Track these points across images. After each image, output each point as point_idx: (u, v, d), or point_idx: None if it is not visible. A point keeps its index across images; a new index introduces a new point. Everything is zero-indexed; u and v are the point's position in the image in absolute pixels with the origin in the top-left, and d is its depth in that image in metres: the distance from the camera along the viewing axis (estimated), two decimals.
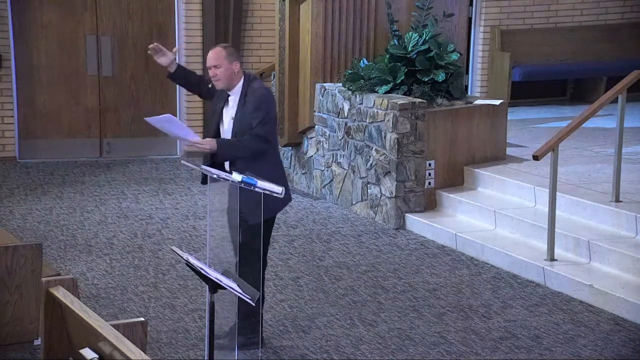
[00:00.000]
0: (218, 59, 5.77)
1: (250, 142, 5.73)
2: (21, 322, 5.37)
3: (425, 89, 8.84)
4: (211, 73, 5.81)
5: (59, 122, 11.14)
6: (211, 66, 5.80)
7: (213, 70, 5.79)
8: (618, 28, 12.61)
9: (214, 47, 5.96)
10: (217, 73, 5.77)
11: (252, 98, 5.78)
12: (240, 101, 5.80)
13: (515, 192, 8.35)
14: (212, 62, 5.80)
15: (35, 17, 10.91)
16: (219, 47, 5.90)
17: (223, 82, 5.80)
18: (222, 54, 5.78)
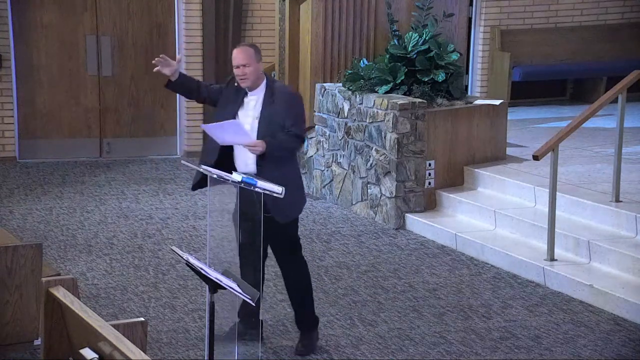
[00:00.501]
0: (248, 58, 5.63)
1: (290, 141, 5.65)
2: (21, 322, 5.37)
3: (425, 89, 8.84)
4: (239, 72, 5.64)
5: (59, 122, 11.14)
6: (240, 65, 5.64)
7: (242, 69, 5.63)
8: (618, 28, 12.61)
9: (240, 46, 5.82)
10: (246, 72, 5.63)
11: (283, 97, 5.69)
12: (266, 101, 5.66)
13: (515, 192, 8.35)
14: (241, 60, 5.64)
15: (35, 17, 10.91)
16: (247, 46, 5.78)
17: (250, 82, 5.66)
18: (251, 53, 5.66)
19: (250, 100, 5.71)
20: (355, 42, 9.55)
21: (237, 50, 5.71)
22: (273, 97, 5.66)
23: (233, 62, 5.68)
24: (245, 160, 5.66)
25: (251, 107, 5.69)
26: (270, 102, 5.65)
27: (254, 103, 5.70)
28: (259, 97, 5.69)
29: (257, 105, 5.68)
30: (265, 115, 5.62)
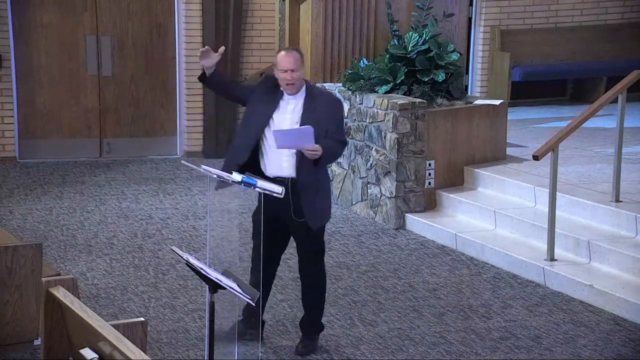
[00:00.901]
0: (296, 63, 5.55)
1: (337, 147, 5.64)
2: (21, 322, 5.37)
3: (425, 89, 8.84)
4: (288, 77, 5.53)
5: (59, 122, 11.14)
6: (288, 69, 5.53)
7: (291, 74, 5.53)
8: (618, 28, 12.60)
9: (287, 50, 5.69)
10: (294, 77, 5.54)
11: (326, 102, 5.64)
12: (308, 106, 5.58)
13: (515, 192, 8.35)
14: (291, 65, 5.54)
15: (35, 17, 10.91)
16: (294, 51, 5.65)
17: (296, 87, 5.59)
18: (299, 58, 5.57)
19: (289, 104, 5.61)
20: (355, 42, 9.55)
21: (286, 55, 5.58)
22: (314, 103, 5.58)
23: (279, 66, 5.56)
24: (280, 164, 5.59)
25: (289, 111, 5.60)
26: (311, 107, 5.57)
27: (292, 107, 5.61)
28: (298, 101, 5.61)
29: (297, 109, 5.60)
30: (306, 121, 5.52)
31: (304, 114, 5.56)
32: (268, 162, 5.63)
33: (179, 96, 11.44)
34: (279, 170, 5.59)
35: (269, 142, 5.57)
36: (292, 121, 5.57)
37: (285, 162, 5.58)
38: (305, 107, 5.57)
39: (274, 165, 5.61)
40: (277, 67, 5.59)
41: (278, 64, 5.58)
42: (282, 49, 5.78)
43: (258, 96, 5.70)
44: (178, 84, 11.42)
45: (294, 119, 5.58)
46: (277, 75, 5.60)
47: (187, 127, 11.46)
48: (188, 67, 11.33)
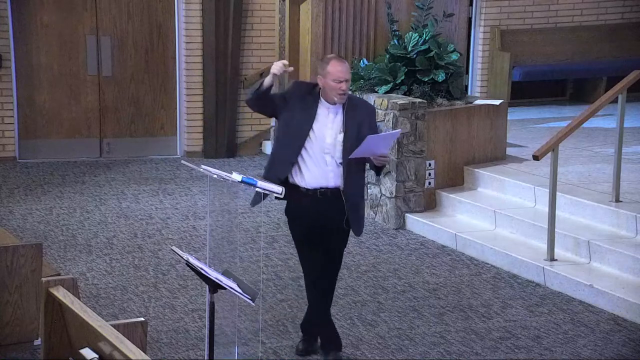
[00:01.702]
0: (349, 73, 5.43)
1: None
2: (21, 322, 5.38)
3: (425, 89, 8.84)
4: (342, 87, 5.35)
5: (59, 122, 11.14)
6: (344, 80, 5.36)
7: (344, 84, 5.37)
8: (618, 28, 12.61)
9: (337, 58, 5.46)
10: (347, 87, 5.39)
11: (365, 109, 5.52)
12: (349, 114, 5.41)
13: (515, 192, 8.35)
14: (346, 75, 5.38)
15: (35, 17, 10.91)
16: (345, 61, 5.48)
17: (346, 97, 5.42)
18: (350, 69, 5.48)
19: (329, 113, 5.43)
20: (355, 42, 9.54)
21: (340, 64, 5.38)
22: (354, 111, 5.44)
23: (333, 76, 5.33)
24: (325, 174, 5.42)
25: (331, 120, 5.42)
26: (352, 115, 5.42)
27: (333, 116, 5.43)
28: (337, 110, 5.43)
29: (338, 118, 5.43)
30: (351, 129, 5.38)
31: (348, 123, 5.40)
32: (310, 173, 5.43)
33: (179, 96, 11.44)
34: (324, 181, 5.43)
35: (310, 153, 5.40)
36: (334, 131, 5.40)
37: (331, 172, 5.42)
38: (348, 116, 5.41)
39: (318, 176, 5.42)
40: (327, 77, 5.35)
41: (330, 74, 5.34)
42: (332, 58, 5.48)
43: (293, 106, 5.46)
44: (178, 84, 11.42)
45: (336, 128, 5.41)
46: (326, 84, 5.37)
47: (187, 127, 11.46)
48: (188, 67, 11.33)
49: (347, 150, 5.37)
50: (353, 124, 5.40)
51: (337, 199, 5.45)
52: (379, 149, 5.30)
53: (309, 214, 5.47)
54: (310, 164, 5.43)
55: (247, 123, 11.61)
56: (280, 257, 7.69)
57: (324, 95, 5.43)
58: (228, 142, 11.42)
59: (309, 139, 5.40)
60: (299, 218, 5.57)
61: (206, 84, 11.32)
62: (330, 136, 5.40)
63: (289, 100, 5.49)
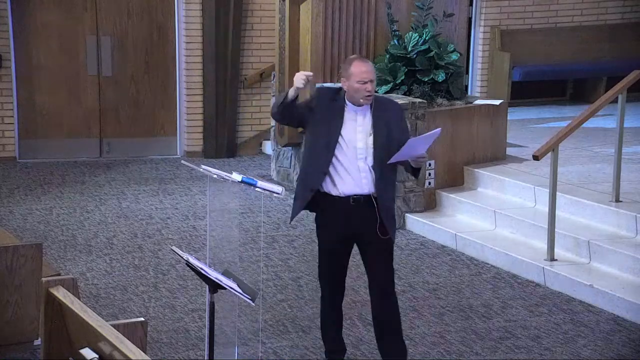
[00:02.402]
0: (375, 73, 5.26)
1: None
2: (21, 322, 5.38)
3: (425, 89, 8.84)
4: (368, 88, 5.18)
5: (59, 122, 11.14)
6: (369, 80, 5.18)
7: (370, 85, 5.19)
8: (618, 28, 12.61)
9: (360, 58, 5.32)
10: (372, 88, 5.21)
11: (393, 110, 5.36)
12: (376, 115, 5.24)
13: (515, 192, 8.35)
14: (371, 75, 5.20)
15: (35, 17, 10.91)
16: (369, 61, 5.32)
17: (372, 99, 5.25)
18: (374, 69, 5.31)
19: (357, 116, 5.25)
20: (355, 42, 9.54)
21: (364, 64, 5.22)
22: (382, 112, 5.27)
23: (357, 77, 5.17)
24: (359, 181, 5.23)
25: (360, 123, 5.25)
26: (380, 116, 5.25)
27: (361, 119, 5.25)
28: (364, 112, 5.26)
29: (366, 121, 5.25)
30: (380, 132, 5.22)
31: (376, 124, 5.23)
32: (342, 181, 5.23)
33: (179, 96, 11.44)
34: (358, 188, 5.24)
35: (342, 160, 5.22)
36: (365, 133, 5.22)
37: (365, 178, 5.22)
38: (375, 117, 5.24)
39: (351, 184, 5.23)
40: (351, 79, 5.19)
41: (354, 75, 5.17)
42: (355, 59, 5.34)
43: (319, 114, 5.27)
44: (178, 84, 11.42)
45: (367, 130, 5.23)
46: (350, 86, 5.20)
47: (187, 127, 11.47)
48: (188, 67, 11.33)
49: (377, 153, 5.20)
50: (382, 125, 5.23)
51: (370, 206, 5.25)
52: (418, 150, 5.13)
53: (340, 222, 5.28)
54: (342, 172, 5.23)
55: (247, 123, 11.61)
56: (280, 257, 7.69)
57: (350, 98, 5.25)
58: (228, 142, 11.43)
59: (340, 146, 5.21)
60: (330, 226, 5.35)
61: (206, 84, 11.32)
62: (361, 140, 5.22)
63: (315, 108, 5.29)
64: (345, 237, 5.36)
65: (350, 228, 5.30)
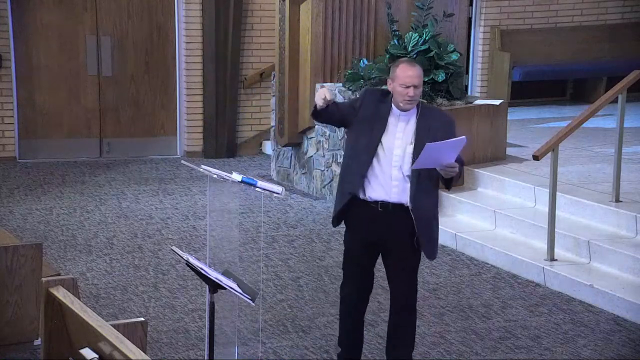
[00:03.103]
0: (421, 78, 5.03)
1: (460, 168, 5.02)
2: (21, 322, 5.37)
3: (425, 89, 8.84)
4: (410, 93, 4.98)
5: (59, 122, 11.14)
6: (412, 85, 4.99)
7: (413, 90, 4.99)
8: (618, 28, 12.61)
9: (408, 62, 5.14)
10: (417, 94, 5.02)
11: (442, 122, 5.13)
12: (421, 125, 5.05)
13: (515, 192, 8.35)
14: (417, 80, 5.01)
15: (35, 17, 10.91)
16: (418, 65, 5.11)
17: (414, 105, 5.07)
18: (422, 74, 5.07)
19: (399, 123, 5.08)
20: (355, 42, 9.54)
21: (411, 68, 5.04)
22: (429, 121, 5.07)
23: (402, 79, 5.00)
24: (388, 189, 5.06)
25: (401, 129, 5.07)
26: (426, 126, 5.04)
27: (404, 126, 5.07)
28: (410, 119, 5.08)
29: (409, 129, 5.06)
30: (422, 140, 4.96)
31: (419, 133, 5.02)
32: (371, 185, 5.08)
33: (179, 96, 11.44)
34: (385, 195, 5.07)
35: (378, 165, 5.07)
36: (404, 142, 5.05)
37: (396, 187, 5.05)
38: (419, 127, 5.05)
39: (379, 190, 5.08)
40: (396, 81, 5.03)
41: (398, 77, 5.01)
42: (403, 61, 5.18)
43: (363, 116, 5.12)
44: (178, 84, 11.42)
45: (406, 139, 5.05)
46: (394, 89, 5.05)
47: (187, 127, 11.47)
48: (188, 67, 11.34)
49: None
50: (425, 135, 4.97)
51: (400, 215, 5.07)
52: (444, 158, 4.88)
53: (365, 227, 5.15)
54: (373, 177, 5.07)
55: (247, 123, 11.61)
56: (280, 257, 7.69)
57: (395, 102, 5.09)
58: (228, 142, 11.43)
59: (379, 150, 5.06)
60: (355, 230, 5.23)
61: (206, 84, 11.33)
62: (400, 147, 5.04)
63: (359, 110, 5.14)
64: (369, 243, 5.20)
65: (375, 234, 5.15)
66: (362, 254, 5.26)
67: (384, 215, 5.08)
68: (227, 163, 10.94)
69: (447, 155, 4.90)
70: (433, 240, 5.20)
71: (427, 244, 5.14)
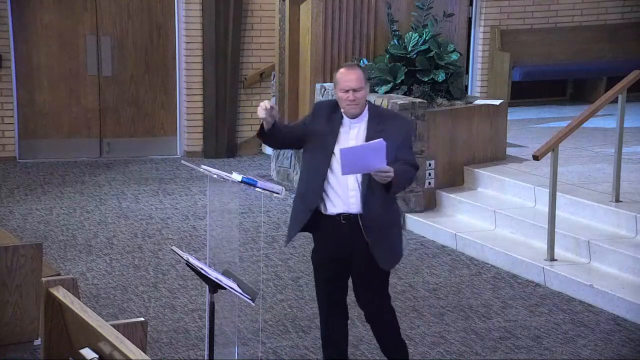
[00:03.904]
0: (360, 81, 4.86)
1: (410, 171, 4.88)
2: (21, 322, 5.38)
3: (425, 89, 8.84)
4: (350, 97, 4.84)
5: (59, 122, 11.14)
6: (351, 89, 4.84)
7: (353, 94, 4.84)
8: (618, 28, 12.61)
9: (348, 66, 5.00)
10: (357, 97, 4.85)
11: (395, 122, 4.97)
12: (372, 129, 4.89)
13: (515, 192, 8.35)
14: (354, 83, 4.84)
15: (35, 17, 10.91)
16: (357, 68, 4.98)
17: (358, 109, 4.90)
18: (363, 76, 4.90)
19: (351, 130, 4.94)
20: (355, 42, 9.55)
21: (348, 72, 4.90)
22: (381, 125, 4.90)
23: (341, 84, 4.88)
24: (346, 199, 4.90)
25: (353, 137, 4.92)
26: (377, 130, 4.86)
27: (356, 132, 4.93)
28: (361, 124, 4.94)
29: (360, 133, 4.92)
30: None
31: (370, 139, 4.80)
32: (329, 198, 4.93)
33: (179, 96, 11.44)
34: (345, 206, 4.90)
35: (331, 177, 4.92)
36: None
37: (353, 197, 4.89)
38: (370, 129, 4.90)
39: (338, 202, 4.91)
40: (337, 87, 4.91)
41: (338, 83, 4.89)
42: (342, 66, 5.07)
43: (314, 129, 4.98)
44: (178, 84, 11.42)
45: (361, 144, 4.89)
46: (337, 96, 4.93)
47: (187, 127, 11.47)
48: (188, 67, 11.33)
49: None
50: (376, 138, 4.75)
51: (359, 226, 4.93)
52: (372, 163, 4.66)
53: (331, 241, 5.00)
54: (330, 189, 4.92)
55: (247, 123, 11.61)
56: (280, 257, 7.69)
57: (343, 110, 4.96)
58: (228, 142, 11.43)
59: (332, 162, 4.89)
60: (322, 246, 5.09)
61: (206, 84, 11.32)
62: None
63: (310, 124, 5.03)
64: (338, 258, 5.05)
65: (341, 248, 4.99)
66: (334, 269, 5.11)
67: (348, 227, 4.92)
68: (227, 163, 10.94)
69: (374, 160, 4.66)
70: (389, 249, 4.99)
71: (382, 253, 4.94)
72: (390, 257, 5.04)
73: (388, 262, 5.04)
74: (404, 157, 4.88)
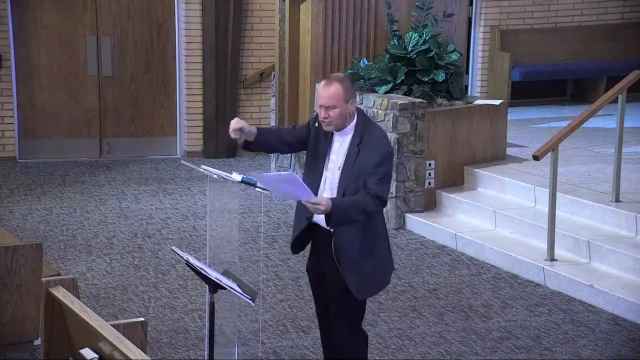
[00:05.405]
0: (334, 99, 4.60)
1: (367, 203, 4.53)
2: (21, 322, 5.38)
3: (425, 89, 8.84)
4: (322, 114, 4.64)
5: (59, 122, 11.14)
6: (324, 106, 4.62)
7: (325, 111, 4.61)
8: (618, 28, 12.61)
9: (328, 80, 4.69)
10: (330, 115, 4.62)
11: (374, 148, 4.62)
12: (352, 148, 4.66)
13: (515, 192, 8.35)
14: (325, 101, 4.60)
15: (35, 17, 10.91)
16: (335, 83, 4.63)
17: (334, 126, 4.66)
18: (340, 94, 4.59)
19: (335, 142, 4.75)
20: (355, 42, 9.54)
21: (325, 88, 4.64)
22: (360, 145, 4.64)
23: (319, 100, 4.68)
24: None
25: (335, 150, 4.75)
26: (356, 150, 4.64)
27: (338, 145, 4.73)
28: (344, 140, 4.71)
29: (343, 148, 4.70)
30: (349, 167, 4.64)
31: (348, 158, 4.65)
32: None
33: (179, 96, 11.44)
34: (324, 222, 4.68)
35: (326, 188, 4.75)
36: (337, 165, 4.70)
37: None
38: (350, 150, 4.66)
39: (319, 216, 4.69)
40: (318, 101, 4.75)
41: (317, 98, 4.72)
42: (326, 77, 4.84)
43: (315, 135, 4.82)
44: (178, 84, 11.42)
45: (339, 163, 4.70)
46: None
47: (187, 127, 11.46)
48: (188, 67, 11.33)
49: (342, 190, 4.62)
50: (351, 159, 4.64)
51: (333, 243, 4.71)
52: (296, 193, 4.52)
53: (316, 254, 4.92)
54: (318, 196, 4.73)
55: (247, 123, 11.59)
56: (280, 257, 7.69)
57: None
58: (228, 142, 11.42)
59: (326, 169, 4.75)
60: (310, 256, 5.03)
61: (206, 84, 11.32)
62: (331, 170, 4.72)
63: (313, 129, 4.86)
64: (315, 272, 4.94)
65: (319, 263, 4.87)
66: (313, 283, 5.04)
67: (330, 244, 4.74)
68: (227, 163, 10.93)
69: (294, 189, 4.48)
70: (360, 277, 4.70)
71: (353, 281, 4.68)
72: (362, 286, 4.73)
73: (359, 291, 4.71)
74: (368, 186, 4.57)
